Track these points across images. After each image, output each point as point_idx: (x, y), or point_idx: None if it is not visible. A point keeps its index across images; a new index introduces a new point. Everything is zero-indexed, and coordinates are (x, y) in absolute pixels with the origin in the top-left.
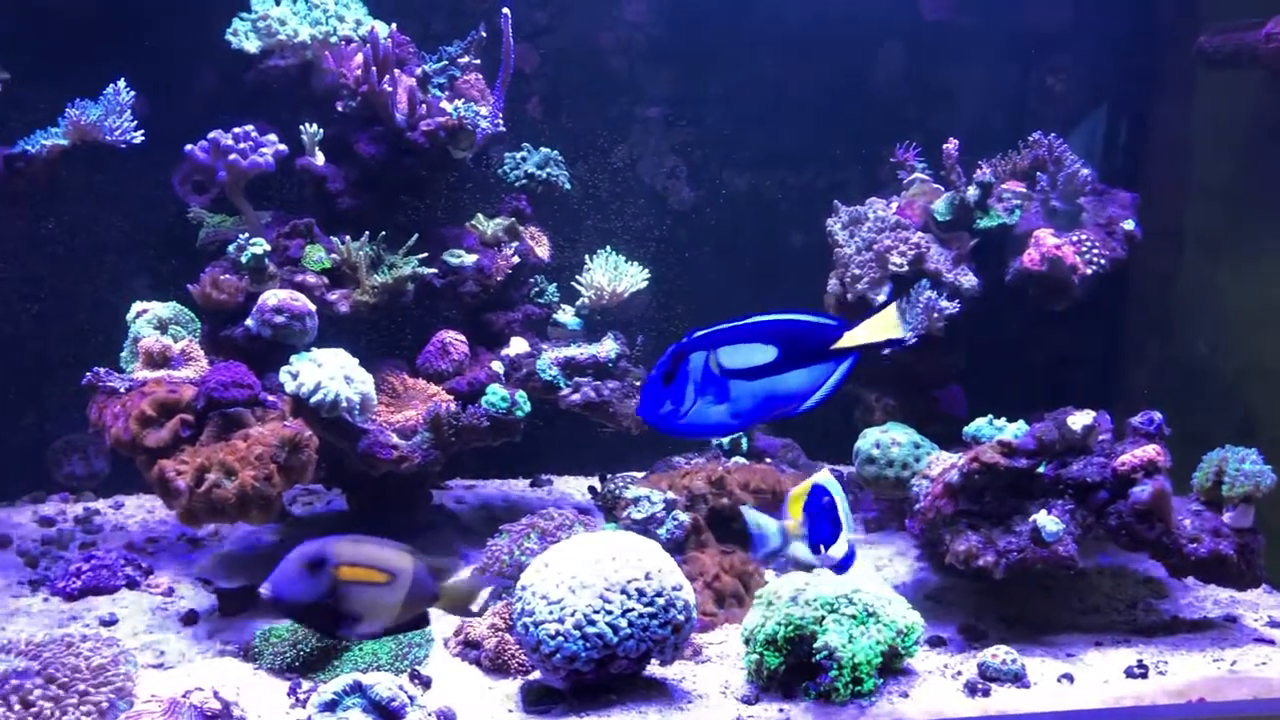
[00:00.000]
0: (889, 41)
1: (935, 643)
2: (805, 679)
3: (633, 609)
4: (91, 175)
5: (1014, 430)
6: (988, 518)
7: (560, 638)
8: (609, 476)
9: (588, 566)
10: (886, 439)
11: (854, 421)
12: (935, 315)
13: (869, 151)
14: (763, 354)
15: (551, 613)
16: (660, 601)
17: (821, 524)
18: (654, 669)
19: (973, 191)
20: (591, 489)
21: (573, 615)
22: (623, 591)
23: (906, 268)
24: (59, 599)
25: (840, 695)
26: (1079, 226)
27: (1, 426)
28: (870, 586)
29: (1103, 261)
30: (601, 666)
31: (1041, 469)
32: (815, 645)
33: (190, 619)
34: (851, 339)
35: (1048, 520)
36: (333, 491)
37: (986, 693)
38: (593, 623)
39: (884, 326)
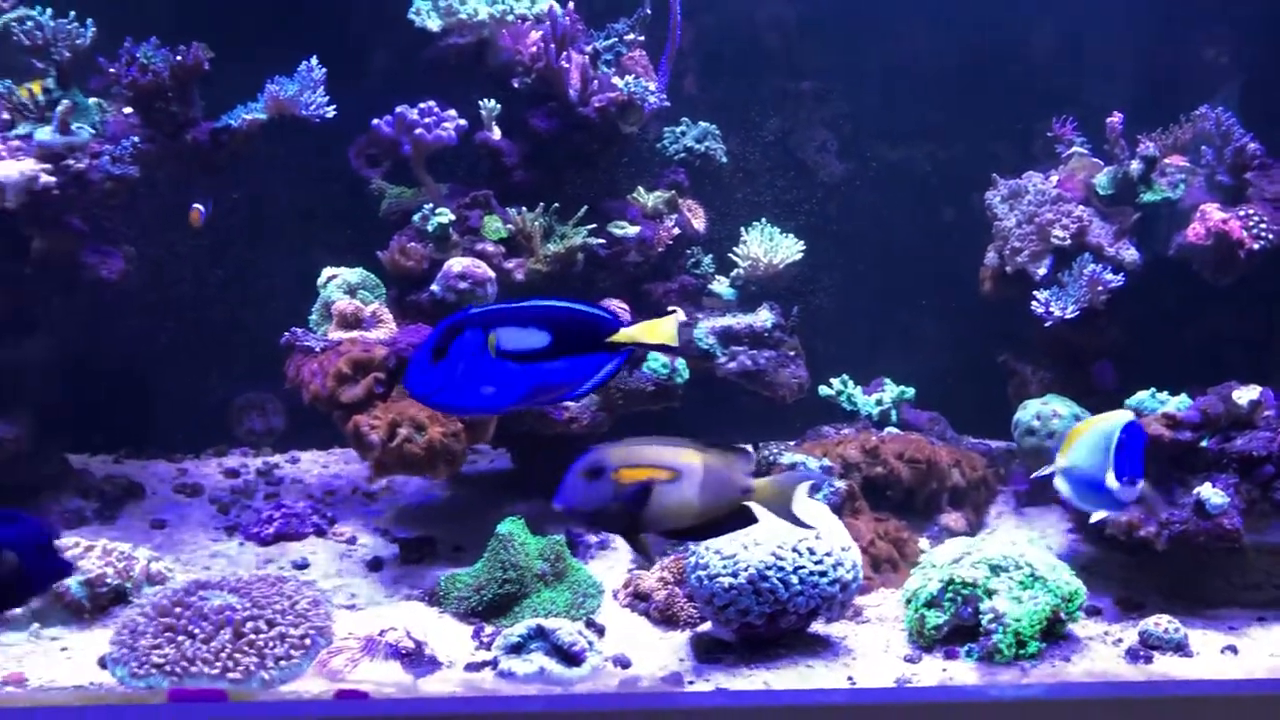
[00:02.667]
0: (1043, 12)
1: (1091, 612)
2: (967, 640)
3: (804, 566)
4: (275, 148)
5: (1177, 403)
6: None
7: (734, 591)
8: (761, 444)
9: (760, 524)
10: (1047, 410)
11: (1006, 394)
12: (1099, 289)
13: (1021, 125)
14: (536, 339)
15: (725, 567)
16: (830, 560)
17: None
18: (818, 626)
19: (1136, 165)
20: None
21: (746, 570)
22: (794, 550)
23: (1069, 241)
24: (253, 544)
25: (1003, 657)
26: (1245, 201)
27: (189, 385)
28: (1034, 552)
29: (1270, 236)
30: (772, 621)
31: (1205, 443)
32: (981, 607)
33: (376, 565)
34: (626, 335)
35: (1212, 493)
36: (498, 451)
37: (1149, 660)
38: (765, 578)
39: (660, 332)
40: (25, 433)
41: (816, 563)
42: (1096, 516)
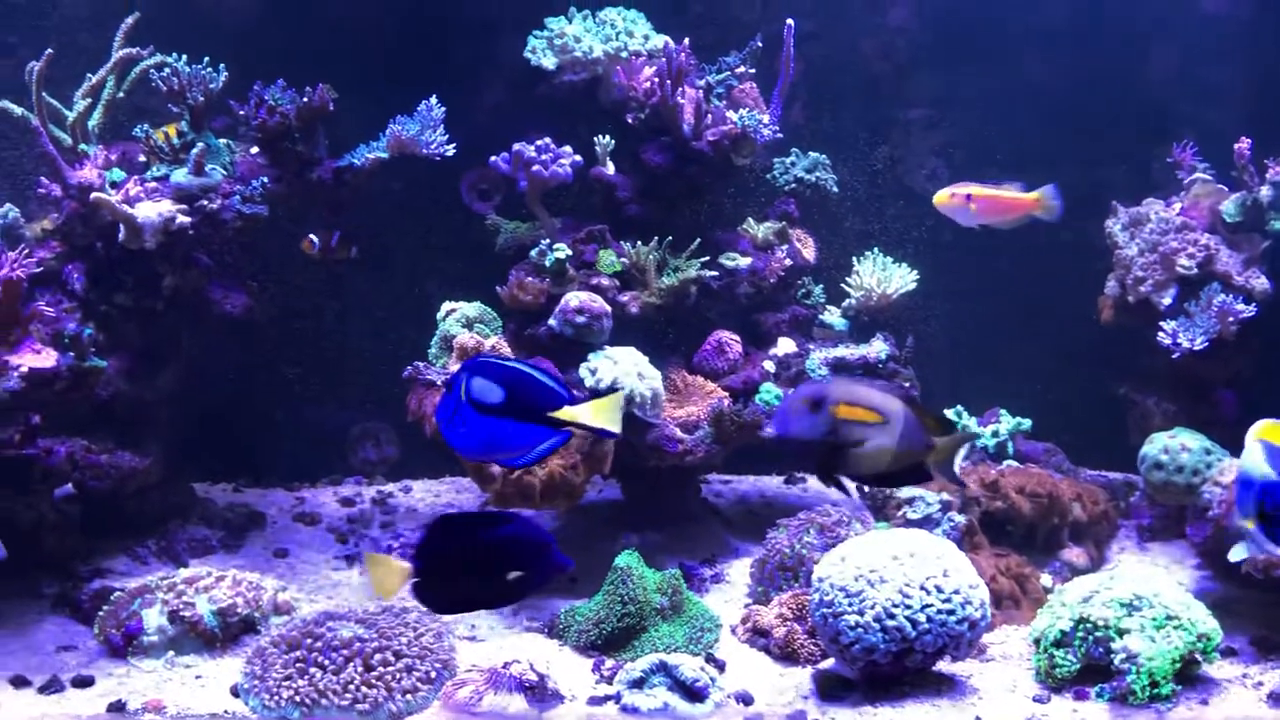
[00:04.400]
0: (1160, 35)
1: (1226, 653)
2: (1098, 681)
3: (931, 604)
4: (389, 183)
5: None
6: None
7: (860, 629)
8: None
9: (886, 562)
10: (1175, 444)
11: (1122, 425)
12: (1230, 319)
13: (1137, 151)
14: (493, 394)
15: (851, 605)
16: (957, 599)
17: None
18: (944, 665)
19: (1266, 191)
20: (860, 487)
21: (873, 608)
22: (922, 588)
23: (1195, 270)
24: None
25: (1137, 698)
26: None
27: (305, 415)
28: (1168, 590)
29: None
30: (898, 659)
31: None
32: (1113, 647)
33: None
34: (567, 414)
35: None
36: (608, 481)
37: None
38: (892, 616)
39: (601, 413)
40: (156, 463)
41: (944, 601)
42: None
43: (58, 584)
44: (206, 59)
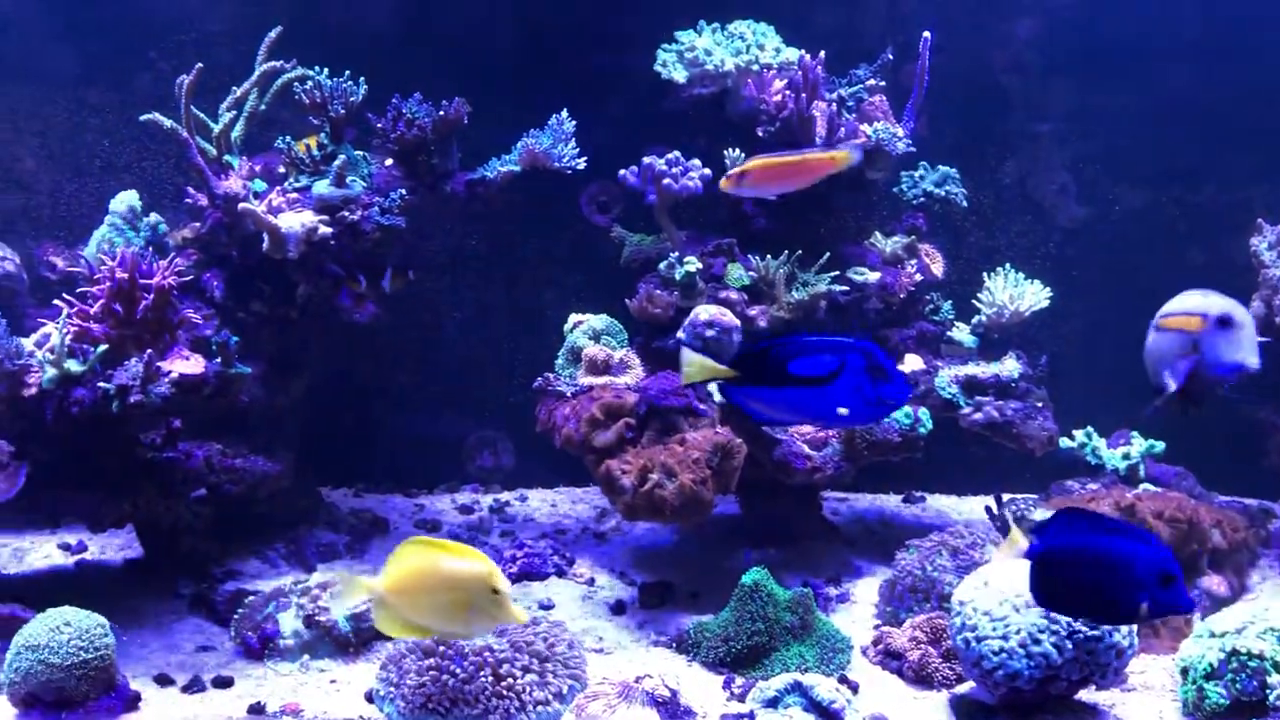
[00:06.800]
0: None
1: None
2: (1249, 716)
3: (1079, 632)
4: (511, 196)
5: None
6: None
7: (1004, 654)
8: (1006, 498)
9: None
10: None
11: (1257, 450)
12: None
13: (1276, 168)
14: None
15: (995, 629)
16: (1105, 626)
17: None
18: (1086, 693)
19: None
20: (988, 509)
21: (1018, 634)
22: None
23: None
24: None
25: None
26: None
27: (426, 423)
28: None
29: None
30: (1041, 686)
31: None
32: (1269, 681)
33: (619, 609)
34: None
35: None
36: (725, 496)
37: None
38: (1038, 642)
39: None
40: (287, 468)
41: (1092, 627)
42: None
43: (194, 584)
44: (347, 72)
